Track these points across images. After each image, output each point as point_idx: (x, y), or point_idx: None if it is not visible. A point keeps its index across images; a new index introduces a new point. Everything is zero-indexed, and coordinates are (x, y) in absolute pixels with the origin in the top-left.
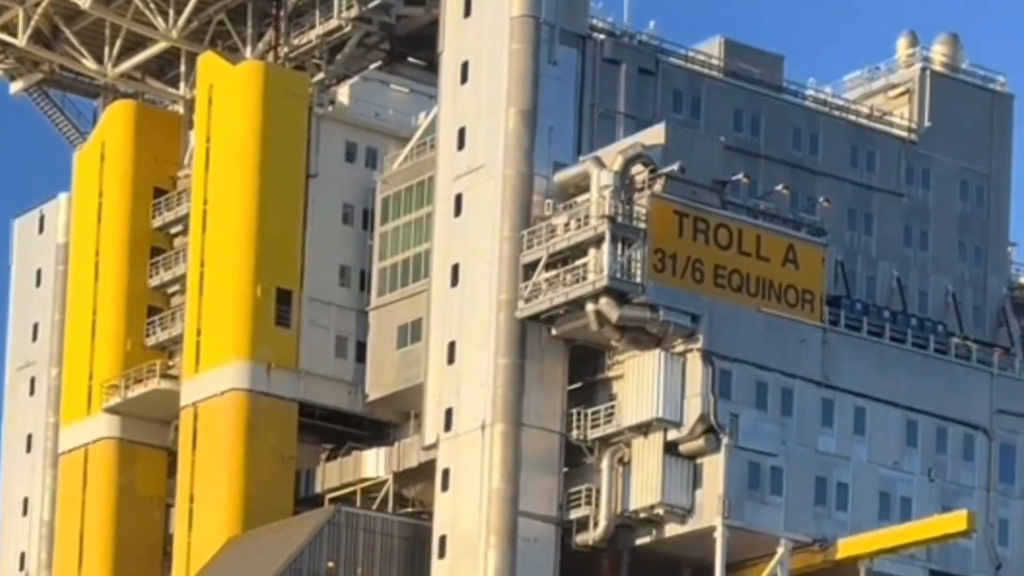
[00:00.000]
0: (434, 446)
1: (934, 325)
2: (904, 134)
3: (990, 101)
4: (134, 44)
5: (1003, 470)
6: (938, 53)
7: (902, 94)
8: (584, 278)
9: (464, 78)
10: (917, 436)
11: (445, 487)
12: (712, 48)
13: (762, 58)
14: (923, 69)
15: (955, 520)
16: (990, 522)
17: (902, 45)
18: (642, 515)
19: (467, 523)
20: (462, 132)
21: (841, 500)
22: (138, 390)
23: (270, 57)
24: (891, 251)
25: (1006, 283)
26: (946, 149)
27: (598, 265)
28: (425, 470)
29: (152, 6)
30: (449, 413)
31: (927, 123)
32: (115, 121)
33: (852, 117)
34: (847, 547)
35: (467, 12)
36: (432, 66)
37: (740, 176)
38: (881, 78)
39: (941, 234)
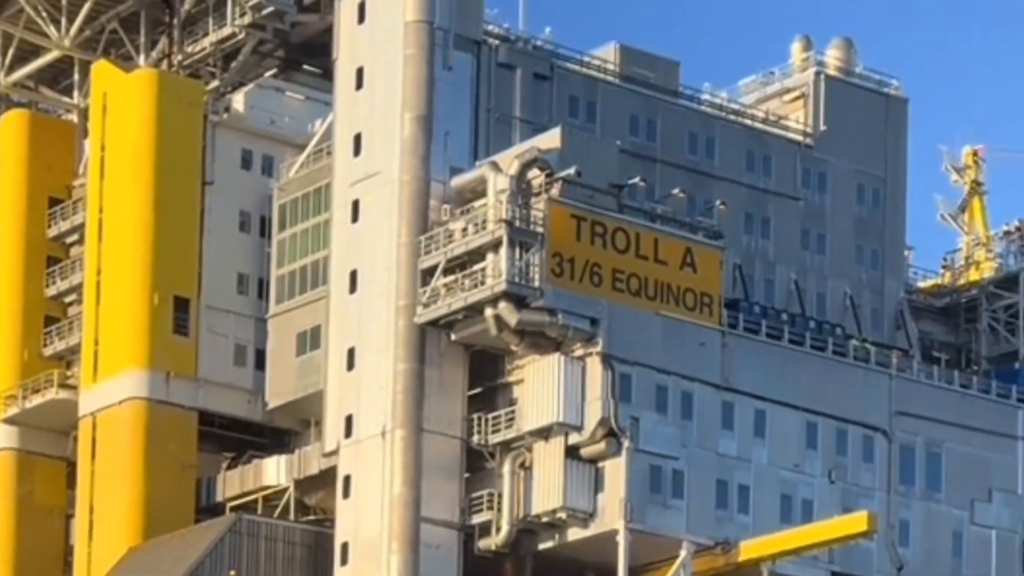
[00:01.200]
0: (335, 453)
1: (832, 328)
2: (800, 138)
3: (884, 105)
4: (27, 53)
5: (903, 471)
6: (832, 57)
7: (797, 98)
8: (482, 283)
9: (359, 84)
10: (817, 438)
11: (346, 494)
12: (608, 54)
13: (658, 64)
14: (817, 73)
15: (856, 521)
16: (891, 523)
17: (796, 50)
18: (544, 519)
19: (369, 529)
20: (358, 138)
21: (743, 503)
22: (36, 400)
23: (164, 65)
24: (788, 254)
25: (903, 286)
26: (842, 153)
27: (496, 270)
28: (326, 477)
29: (44, 15)
30: (349, 420)
31: (822, 127)
32: (8, 131)
33: (748, 121)
34: (749, 549)
35: (361, 18)
36: (327, 73)
37: (637, 180)
38: (776, 83)
39: (838, 237)
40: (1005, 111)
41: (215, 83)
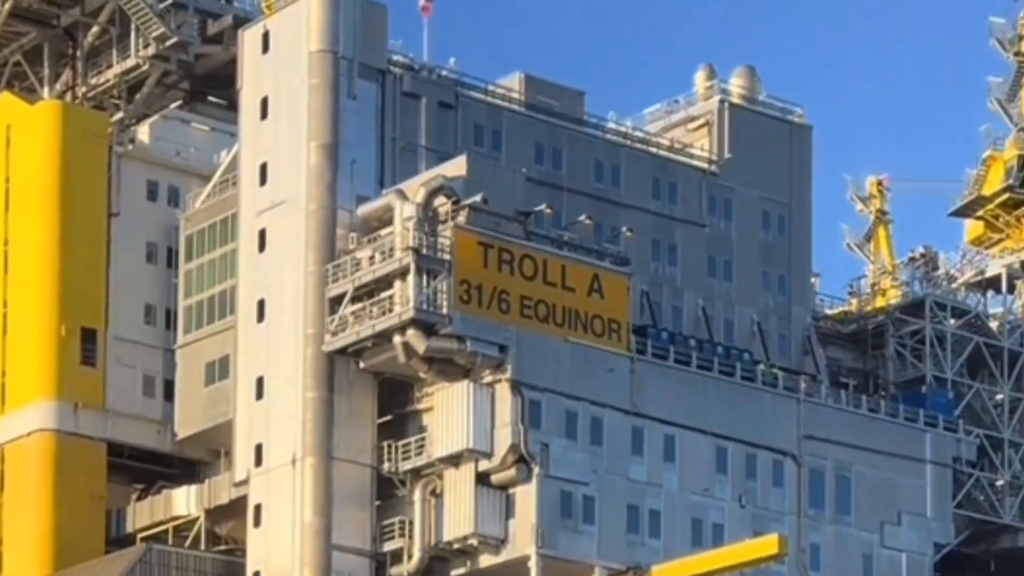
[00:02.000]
0: (245, 482)
1: (740, 353)
2: (705, 165)
3: (788, 132)
4: None
5: (812, 495)
6: (736, 86)
7: (701, 126)
8: (390, 310)
9: (264, 114)
10: (727, 463)
11: (257, 523)
12: (512, 83)
13: (563, 93)
14: (721, 101)
15: (767, 544)
16: (801, 547)
17: (700, 78)
18: (456, 546)
19: (280, 558)
20: (264, 168)
21: (654, 527)
22: None
23: (68, 97)
24: (696, 281)
25: (810, 312)
26: (747, 180)
27: (404, 297)
28: (237, 506)
29: None
30: (259, 449)
31: (727, 154)
32: None
33: (653, 149)
34: (661, 574)
35: (265, 48)
36: (232, 105)
37: (543, 207)
38: (680, 111)
39: (744, 264)
40: (908, 140)
41: (120, 115)
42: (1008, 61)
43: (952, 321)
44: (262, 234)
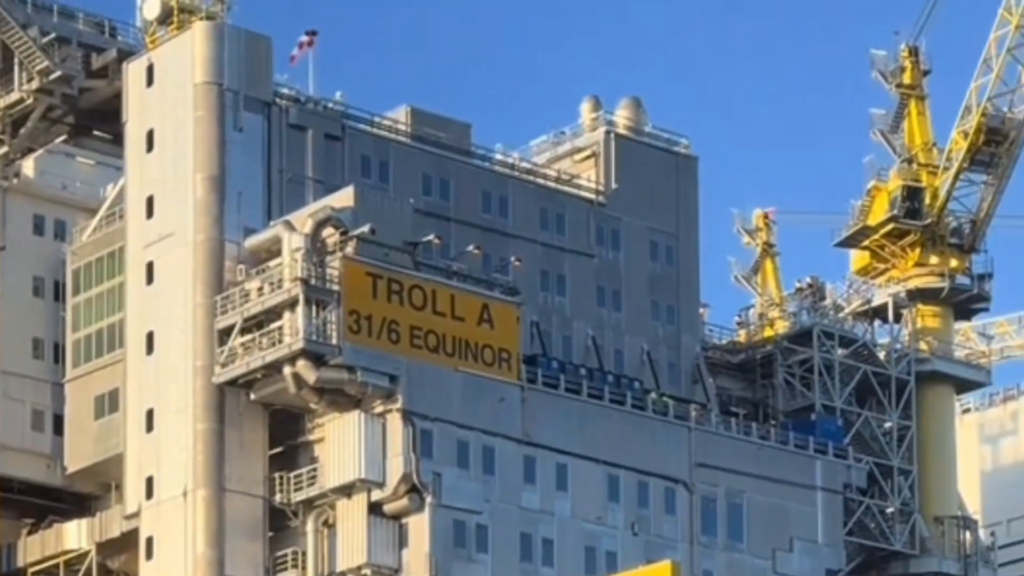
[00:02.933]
0: (136, 515)
1: (631, 382)
2: (592, 196)
3: (674, 163)
4: None
5: (705, 522)
6: (621, 117)
7: (588, 157)
8: (280, 341)
9: (150, 147)
10: (619, 491)
11: (149, 555)
12: (399, 116)
13: (449, 125)
14: (607, 133)
15: (660, 571)
16: (694, 573)
17: (586, 109)
18: None
19: None
20: (150, 200)
21: (547, 556)
22: None
23: None
24: (585, 311)
25: (700, 342)
26: (634, 211)
27: (293, 328)
28: (129, 540)
29: None
30: (150, 481)
31: (614, 185)
32: None
33: (540, 180)
34: None
35: (150, 81)
36: (118, 139)
37: (431, 237)
38: (567, 142)
39: (633, 294)
40: (793, 172)
41: (4, 149)
42: (890, 93)
43: (840, 350)
44: (150, 267)
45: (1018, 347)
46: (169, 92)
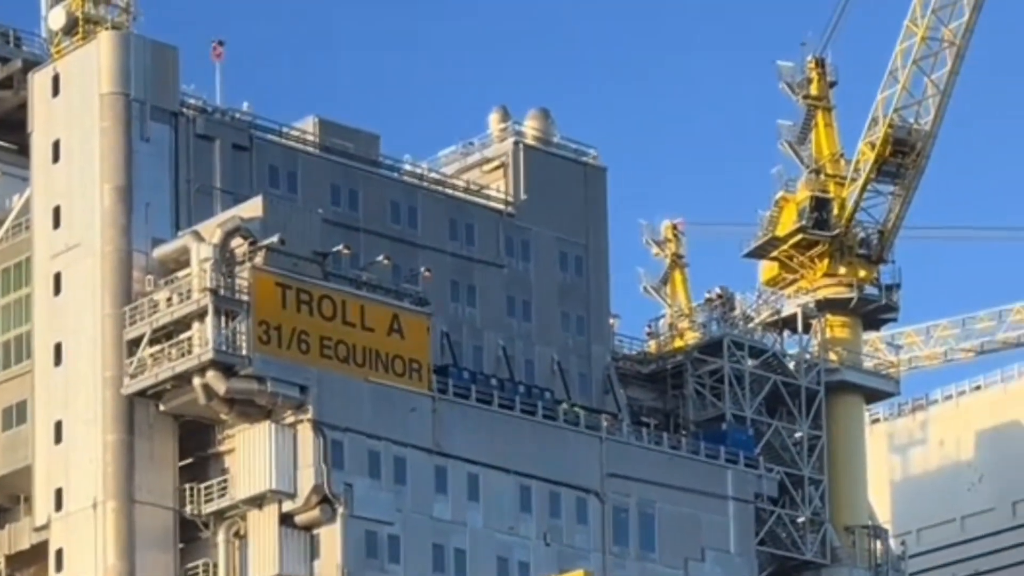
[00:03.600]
0: (45, 527)
1: (542, 392)
2: (501, 207)
3: (583, 174)
4: None
5: (617, 532)
6: (530, 128)
7: (497, 168)
8: (189, 352)
9: (56, 157)
10: (531, 501)
11: (59, 568)
12: (307, 126)
13: (358, 136)
14: (516, 143)
15: None
16: None
17: (494, 120)
18: None
19: None
20: (57, 211)
21: (459, 566)
22: None
23: None
24: (495, 321)
25: (610, 352)
26: (543, 221)
27: (203, 339)
28: (38, 552)
29: None
30: (59, 493)
31: (523, 196)
32: None
33: (449, 191)
34: None
35: (55, 91)
36: (24, 149)
37: (341, 248)
38: (475, 153)
39: (543, 304)
40: (702, 183)
41: None
42: (797, 104)
43: (750, 360)
44: (57, 277)
45: (926, 357)
46: (75, 102)
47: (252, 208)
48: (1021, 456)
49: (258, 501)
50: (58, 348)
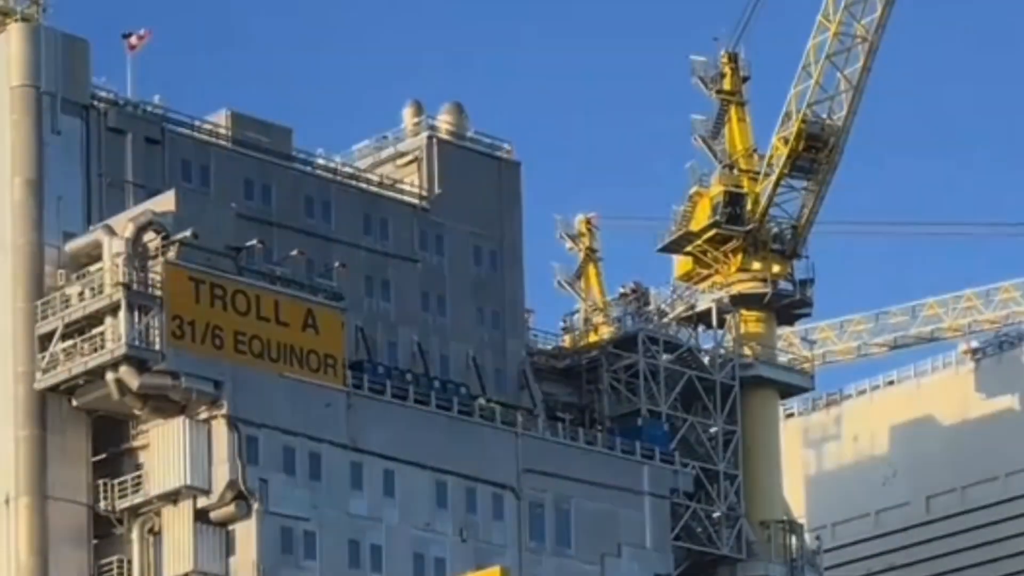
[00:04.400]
0: None
1: (457, 387)
2: (415, 201)
3: (497, 168)
4: None
5: (533, 528)
6: (443, 122)
7: (411, 162)
8: (102, 347)
9: None
10: (447, 497)
11: None
12: (219, 120)
13: (271, 130)
14: (429, 138)
15: None
16: None
17: (408, 114)
18: None
19: None
20: None
21: (375, 562)
22: None
23: None
24: (410, 316)
25: (525, 347)
26: (457, 216)
27: (116, 334)
28: None
29: None
30: None
31: (437, 190)
32: None
33: (363, 185)
34: None
35: None
36: None
37: (254, 242)
38: (389, 147)
39: (458, 299)
40: (616, 177)
41: None
42: (710, 99)
43: (665, 355)
44: None
45: (840, 352)
46: None
47: (164, 202)
48: (935, 451)
49: (172, 497)
50: None
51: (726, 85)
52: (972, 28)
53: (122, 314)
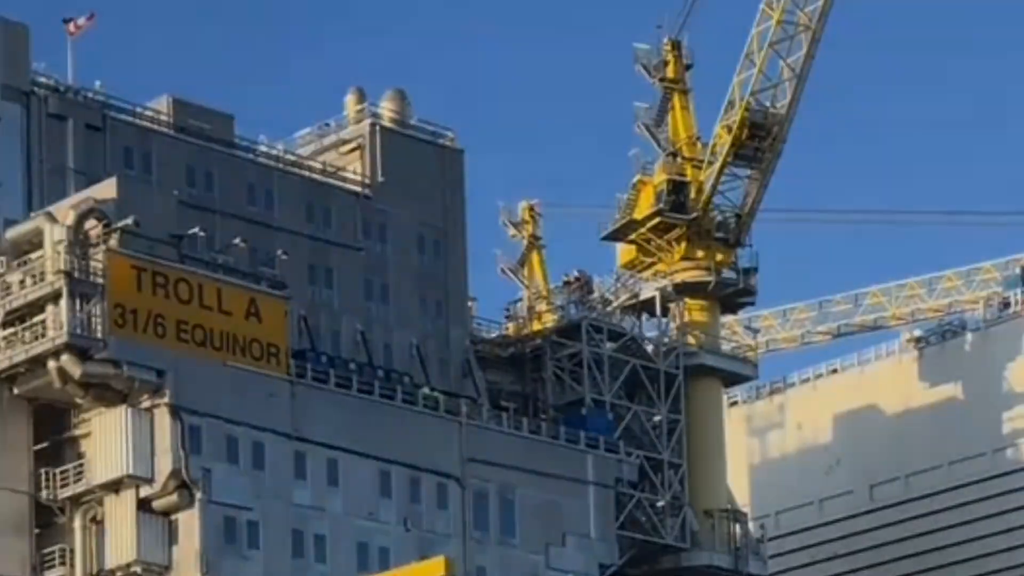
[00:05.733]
0: None
1: (401, 377)
2: (358, 189)
3: (440, 156)
4: None
5: (477, 517)
6: (386, 109)
7: (354, 150)
8: (44, 335)
9: None
10: (391, 486)
11: None
12: (160, 106)
13: (212, 116)
14: (372, 125)
15: (433, 567)
16: (467, 569)
17: (350, 101)
18: (119, 574)
19: None
20: None
21: (319, 552)
22: None
23: None
24: (353, 305)
25: (469, 336)
26: (401, 203)
27: (57, 322)
28: None
29: None
30: None
31: (380, 178)
32: None
33: (306, 173)
34: None
35: None
36: None
37: (197, 230)
38: (332, 134)
39: (401, 288)
40: (560, 165)
41: None
42: (654, 87)
43: (609, 344)
44: None
45: (783, 340)
46: None
47: (106, 189)
48: (878, 439)
49: (115, 486)
50: None
51: (669, 73)
52: (914, 16)
53: (64, 302)
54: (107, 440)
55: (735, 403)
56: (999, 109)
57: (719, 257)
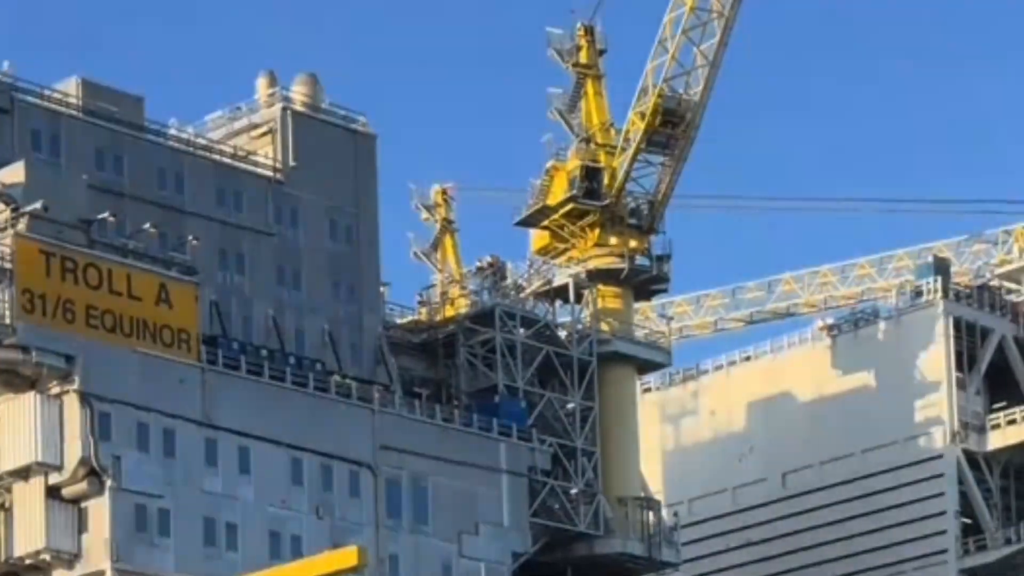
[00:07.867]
0: None
1: (313, 363)
2: (270, 174)
3: (353, 141)
4: None
5: (390, 505)
6: (298, 93)
7: (265, 134)
8: None
9: None
10: (303, 474)
11: None
12: (69, 88)
13: (122, 99)
14: (284, 109)
15: (346, 556)
16: (380, 557)
17: (262, 85)
18: (28, 562)
19: None
20: None
21: (231, 540)
22: None
23: None
24: (265, 290)
25: (381, 322)
26: (313, 188)
27: None
28: None
29: None
30: None
31: (292, 163)
32: None
33: (217, 157)
34: None
35: None
36: None
37: (106, 215)
38: (243, 118)
39: (313, 273)
40: (473, 149)
41: None
42: (567, 72)
43: (522, 330)
44: None
45: (696, 327)
46: None
47: (14, 173)
48: (791, 426)
49: (23, 473)
50: None
51: (582, 58)
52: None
53: None
54: (15, 427)
55: (648, 390)
56: (915, 97)
57: (632, 244)
